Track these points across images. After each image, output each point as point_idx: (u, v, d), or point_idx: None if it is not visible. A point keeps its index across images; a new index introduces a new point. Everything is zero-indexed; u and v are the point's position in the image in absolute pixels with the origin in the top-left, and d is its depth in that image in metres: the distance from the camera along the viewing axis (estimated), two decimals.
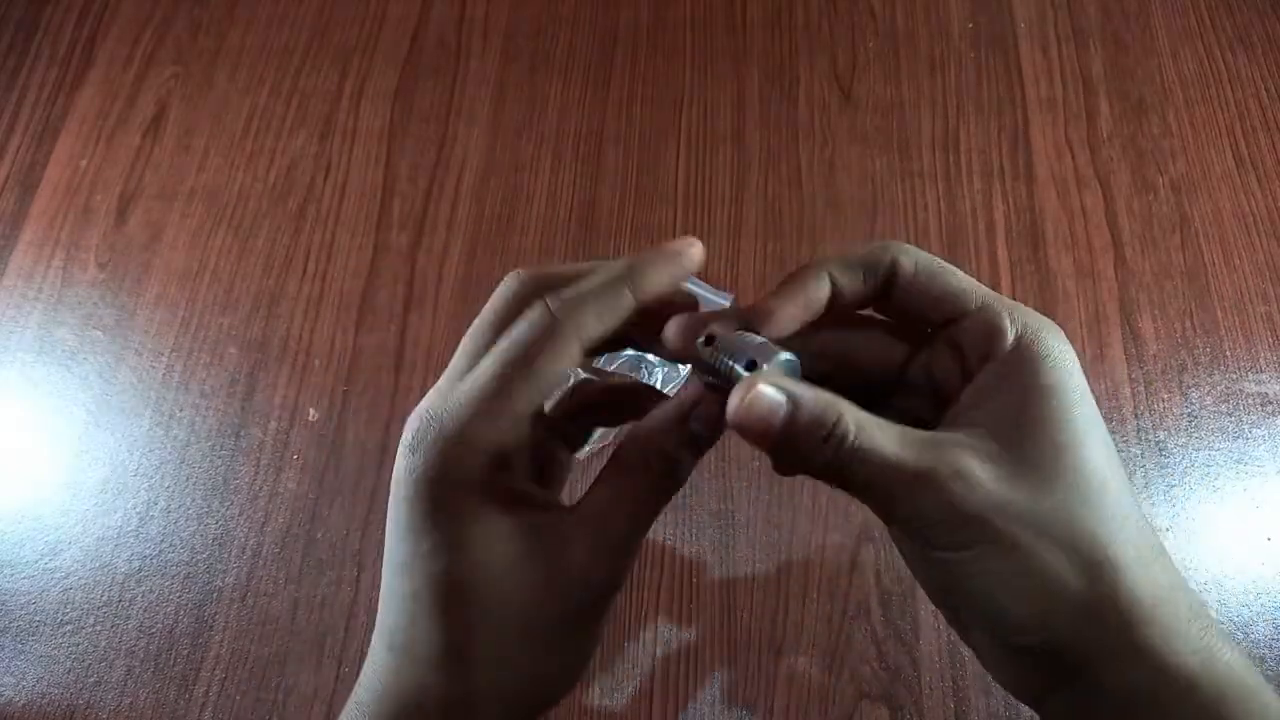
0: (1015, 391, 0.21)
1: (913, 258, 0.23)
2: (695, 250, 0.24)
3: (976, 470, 0.20)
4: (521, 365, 0.22)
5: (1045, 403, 0.21)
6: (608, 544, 0.23)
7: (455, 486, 0.21)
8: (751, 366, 0.22)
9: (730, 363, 0.22)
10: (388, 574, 0.23)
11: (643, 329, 0.24)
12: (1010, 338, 0.22)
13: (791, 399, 0.21)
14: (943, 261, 0.24)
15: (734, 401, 0.21)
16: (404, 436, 0.22)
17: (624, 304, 0.23)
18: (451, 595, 0.21)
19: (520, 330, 0.22)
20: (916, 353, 0.25)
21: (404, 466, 0.22)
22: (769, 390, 0.21)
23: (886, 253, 0.24)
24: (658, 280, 0.23)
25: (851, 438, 0.21)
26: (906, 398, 0.25)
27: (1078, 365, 0.22)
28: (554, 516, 0.23)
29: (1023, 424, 0.21)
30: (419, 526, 0.22)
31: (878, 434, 0.21)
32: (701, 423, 0.23)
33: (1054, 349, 0.21)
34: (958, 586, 0.21)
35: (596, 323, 0.23)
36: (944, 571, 0.21)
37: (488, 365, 0.22)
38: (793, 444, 0.21)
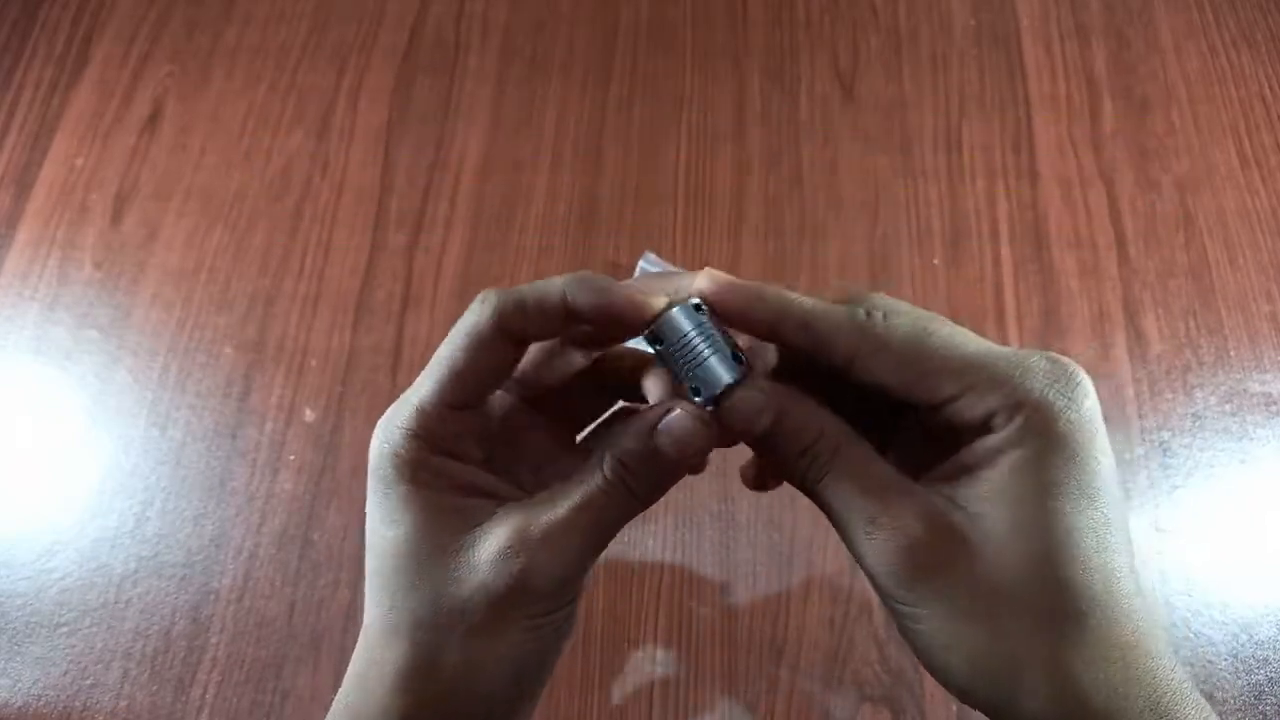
0: (1005, 468, 0.20)
1: (888, 322, 0.20)
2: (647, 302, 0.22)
3: (936, 538, 0.20)
4: (442, 359, 0.22)
5: (1035, 486, 0.19)
6: (544, 556, 0.21)
7: (390, 463, 0.22)
8: (735, 357, 0.21)
9: (700, 351, 0.21)
10: None
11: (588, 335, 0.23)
12: (1007, 421, 0.20)
13: (778, 408, 0.21)
14: (929, 320, 0.21)
15: (723, 404, 0.21)
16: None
17: (553, 294, 0.22)
18: (372, 563, 0.22)
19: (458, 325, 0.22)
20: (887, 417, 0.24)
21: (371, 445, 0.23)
22: (755, 395, 0.21)
23: (853, 317, 0.21)
24: (584, 293, 0.22)
25: (823, 461, 0.21)
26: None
27: (1090, 428, 0.20)
28: (475, 503, 0.22)
29: (1002, 503, 0.20)
30: (370, 500, 0.22)
31: (852, 467, 0.21)
32: (672, 440, 0.21)
33: (1060, 421, 0.19)
34: (901, 629, 0.21)
35: (519, 314, 0.22)
36: (891, 611, 0.22)
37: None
38: (770, 451, 0.22)
